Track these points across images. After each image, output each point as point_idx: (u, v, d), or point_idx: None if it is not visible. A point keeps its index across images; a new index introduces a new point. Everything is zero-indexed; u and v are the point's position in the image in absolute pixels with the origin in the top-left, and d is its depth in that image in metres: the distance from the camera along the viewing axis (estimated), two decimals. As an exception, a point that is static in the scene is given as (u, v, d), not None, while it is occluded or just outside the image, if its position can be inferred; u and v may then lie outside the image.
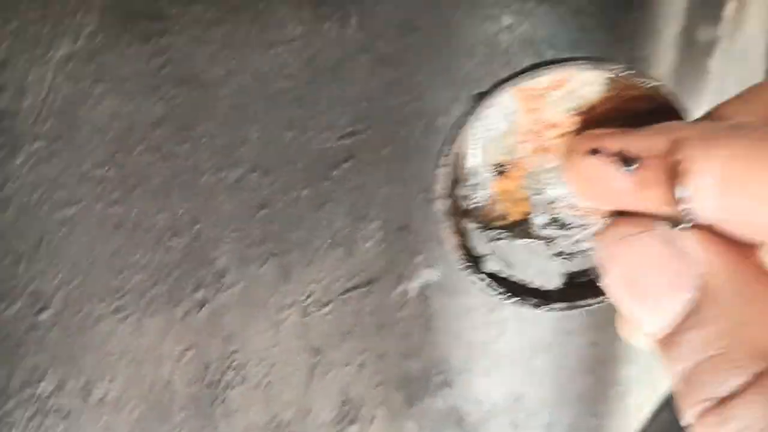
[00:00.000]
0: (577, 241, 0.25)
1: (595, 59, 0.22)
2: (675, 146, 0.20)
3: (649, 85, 0.22)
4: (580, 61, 0.22)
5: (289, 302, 0.33)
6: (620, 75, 0.22)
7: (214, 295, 0.30)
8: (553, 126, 0.24)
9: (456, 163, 0.24)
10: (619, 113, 0.24)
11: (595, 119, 0.24)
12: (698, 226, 0.20)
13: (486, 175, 0.24)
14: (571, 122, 0.24)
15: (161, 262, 0.28)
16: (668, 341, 0.20)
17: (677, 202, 0.20)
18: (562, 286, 0.25)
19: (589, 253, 0.25)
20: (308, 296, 0.34)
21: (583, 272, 0.25)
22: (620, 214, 0.22)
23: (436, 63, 0.36)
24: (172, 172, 0.28)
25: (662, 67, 0.46)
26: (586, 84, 0.23)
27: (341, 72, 0.32)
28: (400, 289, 0.38)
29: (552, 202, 0.25)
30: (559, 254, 0.25)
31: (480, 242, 0.25)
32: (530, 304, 0.24)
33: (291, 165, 0.31)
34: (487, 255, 0.25)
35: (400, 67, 0.34)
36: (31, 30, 0.23)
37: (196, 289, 0.30)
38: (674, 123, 0.21)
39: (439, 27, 0.36)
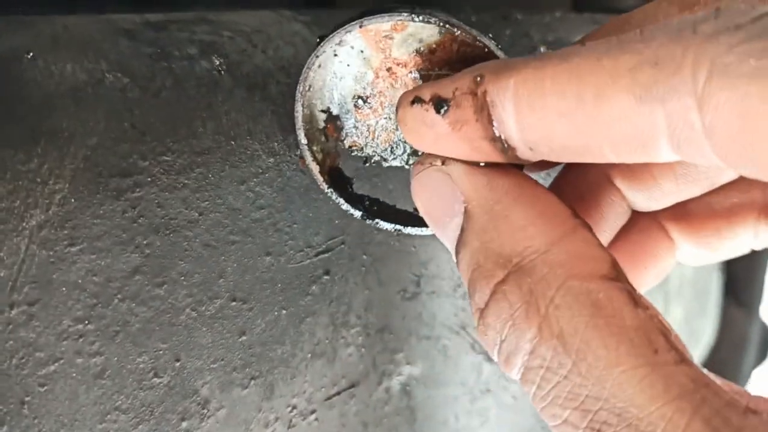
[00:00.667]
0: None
1: (413, 12, 0.26)
2: (476, 83, 0.22)
3: (469, 34, 0.26)
4: (397, 13, 0.26)
5: (274, 417, 0.33)
6: (441, 26, 0.26)
7: (199, 424, 0.30)
8: (404, 65, 0.28)
9: (320, 97, 0.28)
10: (458, 57, 0.27)
11: (437, 62, 0.27)
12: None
13: (350, 106, 0.28)
14: (416, 62, 0.27)
15: (144, 401, 0.28)
16: (456, 260, 0.24)
17: (488, 134, 0.22)
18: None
19: None
20: (292, 408, 0.34)
21: None
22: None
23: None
24: (151, 315, 0.28)
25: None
26: (425, 29, 0.27)
27: (314, 193, 0.33)
28: (383, 386, 0.38)
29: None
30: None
31: (348, 166, 0.29)
32: (390, 223, 0.29)
33: (269, 288, 0.32)
34: (353, 178, 0.30)
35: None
36: (2, 205, 0.24)
37: (180, 420, 0.30)
38: (482, 63, 0.23)
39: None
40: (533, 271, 0.21)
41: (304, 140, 0.28)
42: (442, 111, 0.23)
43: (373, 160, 0.29)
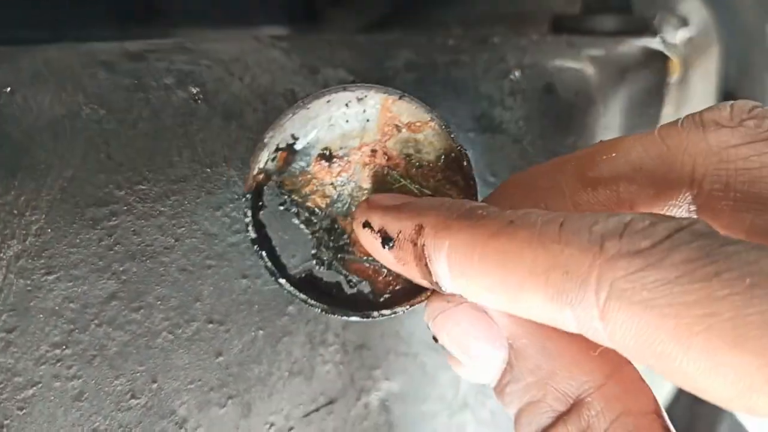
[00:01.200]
0: (333, 259, 0.29)
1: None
2: (417, 233, 0.24)
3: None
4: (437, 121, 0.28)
5: (252, 435, 0.34)
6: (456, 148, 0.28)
7: (176, 443, 0.31)
8: (388, 158, 0.28)
9: (301, 126, 0.27)
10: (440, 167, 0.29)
11: (417, 176, 0.29)
12: None
13: (314, 152, 0.28)
14: (400, 164, 0.28)
15: (122, 422, 0.29)
16: (499, 391, 0.25)
17: (427, 277, 0.24)
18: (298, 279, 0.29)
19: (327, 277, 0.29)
20: (270, 426, 0.35)
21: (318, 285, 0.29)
22: None
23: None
24: (128, 339, 0.29)
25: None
26: (433, 143, 0.27)
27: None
28: (361, 402, 0.39)
29: (344, 217, 0.29)
30: (313, 255, 0.29)
31: (272, 199, 0.28)
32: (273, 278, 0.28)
33: (246, 310, 0.33)
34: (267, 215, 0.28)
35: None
36: (-18, 237, 0.25)
37: (157, 439, 0.31)
38: (424, 204, 0.25)
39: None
40: (591, 406, 0.23)
41: (267, 145, 0.27)
42: (387, 247, 0.25)
43: (290, 208, 0.29)
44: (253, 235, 0.28)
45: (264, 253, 0.28)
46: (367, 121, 0.28)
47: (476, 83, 0.39)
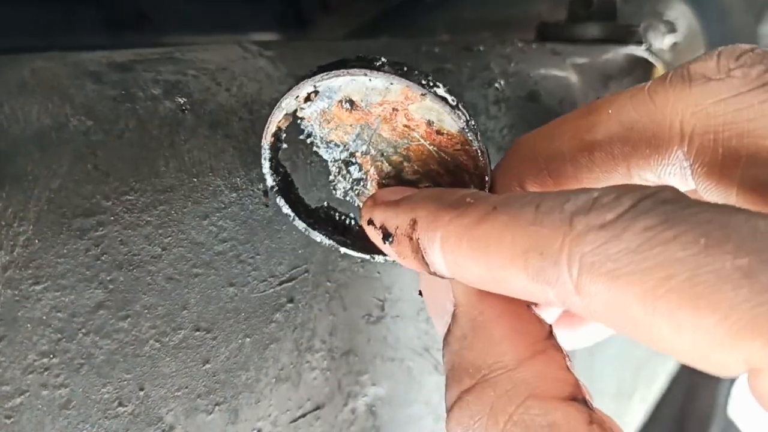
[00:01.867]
0: (349, 190, 0.31)
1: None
2: (411, 227, 0.26)
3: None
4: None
5: (239, 441, 0.34)
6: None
7: (164, 449, 0.32)
8: (409, 120, 0.29)
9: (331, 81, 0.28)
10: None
11: (437, 141, 0.29)
12: None
13: (336, 98, 0.29)
14: (423, 126, 0.29)
15: (109, 429, 0.30)
16: (442, 352, 0.26)
17: (426, 268, 0.26)
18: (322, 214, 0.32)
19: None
20: (257, 431, 0.35)
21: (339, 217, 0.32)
22: None
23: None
24: (116, 347, 0.29)
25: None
26: (445, 119, 0.29)
27: (277, 224, 0.34)
28: (348, 408, 0.39)
29: (363, 154, 0.30)
30: (330, 182, 0.31)
31: (293, 135, 0.29)
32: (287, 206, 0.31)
33: (233, 318, 0.33)
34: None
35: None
36: (-31, 248, 0.25)
37: (145, 446, 0.31)
38: (418, 198, 0.27)
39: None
40: (497, 386, 0.23)
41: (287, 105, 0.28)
42: (387, 242, 0.27)
43: (312, 140, 0.30)
44: (270, 182, 0.30)
45: (281, 200, 0.30)
46: (391, 84, 0.28)
47: (461, 91, 0.39)
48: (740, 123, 0.24)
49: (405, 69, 0.28)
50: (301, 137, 0.29)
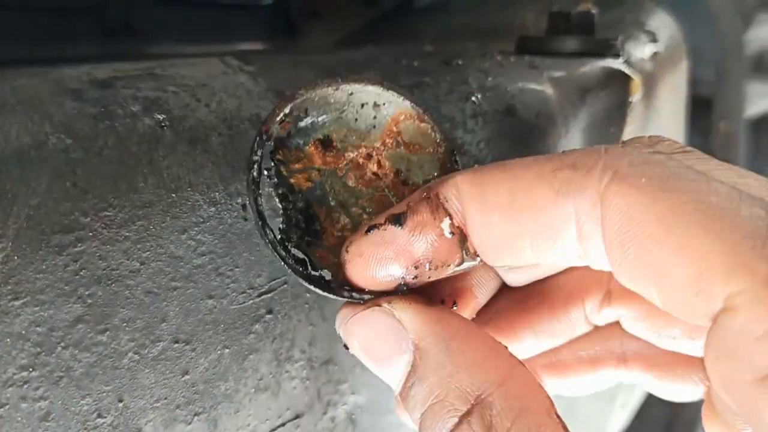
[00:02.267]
0: (301, 240, 0.30)
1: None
2: (427, 190, 0.26)
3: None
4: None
5: (219, 449, 0.35)
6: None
7: (143, 459, 0.32)
8: (379, 167, 0.29)
9: (318, 107, 0.28)
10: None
11: (400, 191, 0.30)
12: (412, 298, 0.27)
13: (315, 135, 0.29)
14: (391, 176, 0.29)
15: (88, 440, 0.30)
16: (403, 396, 0.26)
17: (443, 228, 0.26)
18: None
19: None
20: (237, 440, 0.36)
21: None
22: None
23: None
24: (94, 360, 0.30)
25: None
26: (422, 167, 0.30)
27: (255, 238, 0.34)
28: (328, 416, 0.40)
29: (321, 205, 0.30)
30: (281, 231, 0.30)
31: (265, 159, 0.29)
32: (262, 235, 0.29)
33: (212, 329, 0.34)
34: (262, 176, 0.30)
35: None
36: (-51, 265, 0.26)
37: (125, 456, 0.32)
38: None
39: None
40: (493, 406, 0.24)
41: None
42: (402, 221, 0.26)
43: (272, 177, 0.30)
44: (255, 174, 0.29)
45: (259, 199, 0.29)
46: (374, 127, 0.29)
47: (439, 105, 0.40)
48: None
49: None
50: (264, 170, 0.29)
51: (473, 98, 0.41)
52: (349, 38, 0.71)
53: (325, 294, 0.29)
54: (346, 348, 0.28)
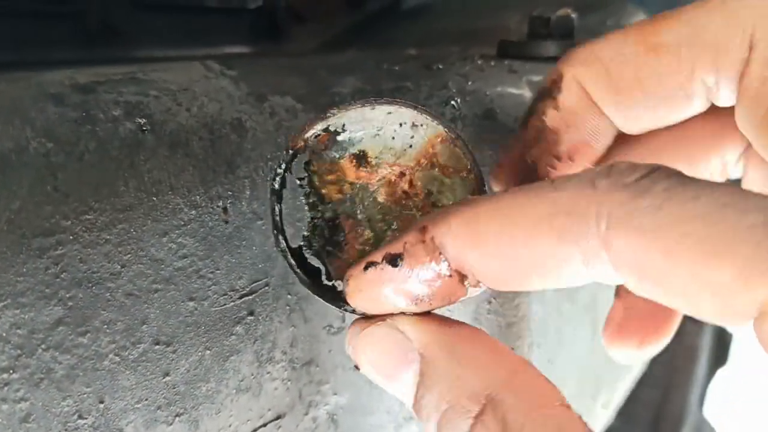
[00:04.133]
0: (322, 249, 0.31)
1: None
2: (422, 232, 0.26)
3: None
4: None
5: (200, 450, 0.35)
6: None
7: (125, 459, 0.33)
8: (411, 186, 0.30)
9: (352, 121, 0.29)
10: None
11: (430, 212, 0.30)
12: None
13: (351, 150, 0.29)
14: (422, 196, 0.30)
15: (69, 441, 0.30)
16: (417, 408, 0.26)
17: (441, 269, 0.26)
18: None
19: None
20: (219, 440, 0.36)
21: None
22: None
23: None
24: (75, 362, 0.30)
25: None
26: (454, 190, 0.30)
27: (237, 240, 0.35)
28: (309, 416, 0.41)
29: (348, 217, 0.30)
30: (304, 237, 0.30)
31: (296, 170, 0.30)
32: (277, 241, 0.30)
33: (193, 331, 0.34)
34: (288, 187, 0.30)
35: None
36: (-71, 269, 0.26)
37: (106, 456, 0.32)
38: (422, 218, 0.27)
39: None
40: (504, 403, 0.24)
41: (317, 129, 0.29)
42: (398, 262, 0.26)
43: (304, 186, 0.30)
44: (276, 186, 0.29)
45: (277, 209, 0.30)
46: (410, 146, 0.30)
47: (420, 110, 0.41)
48: None
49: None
50: (297, 179, 0.30)
51: (453, 102, 0.41)
52: (334, 42, 0.71)
53: (331, 305, 0.30)
54: (357, 369, 0.28)
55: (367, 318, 0.28)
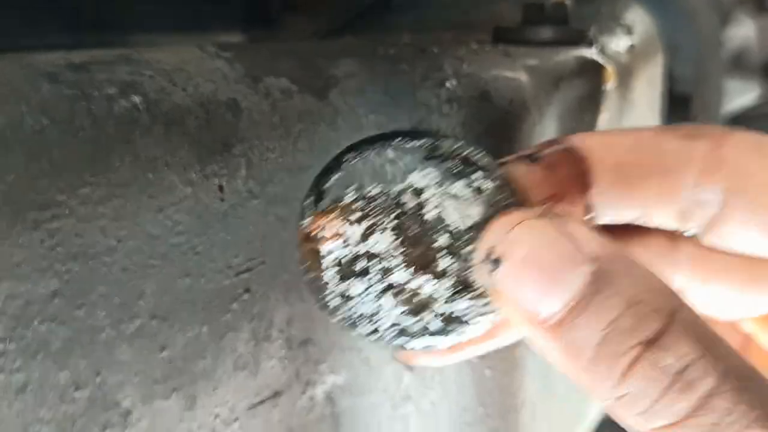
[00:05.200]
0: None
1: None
2: (566, 137, 0.30)
3: None
4: None
5: (196, 426, 0.36)
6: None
7: (122, 434, 0.33)
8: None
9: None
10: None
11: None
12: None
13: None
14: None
15: (66, 413, 0.31)
16: (566, 322, 0.22)
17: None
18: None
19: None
20: (215, 417, 0.37)
21: None
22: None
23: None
24: (71, 334, 0.30)
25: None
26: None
27: (233, 218, 0.35)
28: (306, 395, 0.41)
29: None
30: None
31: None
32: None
33: (189, 307, 0.34)
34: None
35: (293, 203, 0.38)
36: (-74, 239, 0.26)
37: (102, 430, 0.32)
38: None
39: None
40: (690, 314, 0.22)
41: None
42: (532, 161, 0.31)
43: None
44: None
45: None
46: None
47: (414, 91, 0.41)
48: None
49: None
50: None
51: (448, 84, 0.41)
52: (327, 31, 0.72)
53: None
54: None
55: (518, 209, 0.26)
